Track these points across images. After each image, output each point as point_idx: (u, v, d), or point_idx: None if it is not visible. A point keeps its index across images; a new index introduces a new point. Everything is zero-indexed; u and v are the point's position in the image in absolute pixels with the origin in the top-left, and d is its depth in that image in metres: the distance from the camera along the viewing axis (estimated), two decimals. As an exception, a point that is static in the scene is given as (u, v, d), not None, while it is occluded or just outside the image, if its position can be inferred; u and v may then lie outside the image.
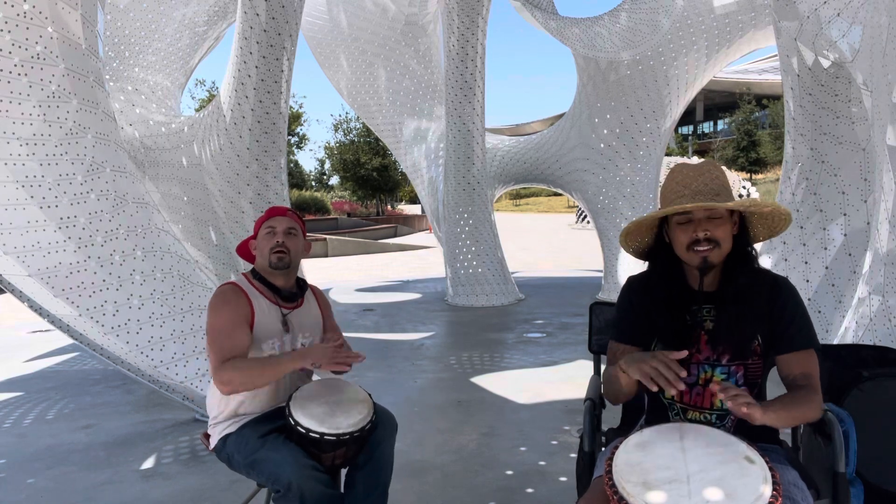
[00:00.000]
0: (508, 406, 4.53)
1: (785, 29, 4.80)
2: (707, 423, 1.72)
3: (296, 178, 48.82)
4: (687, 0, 8.43)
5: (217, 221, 6.95)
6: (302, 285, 2.37)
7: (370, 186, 42.17)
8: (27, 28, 3.47)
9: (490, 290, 9.22)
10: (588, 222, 26.51)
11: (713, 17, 8.49)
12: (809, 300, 4.76)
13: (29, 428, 4.35)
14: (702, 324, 1.79)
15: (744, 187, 27.83)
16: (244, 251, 2.42)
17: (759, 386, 1.83)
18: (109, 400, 4.95)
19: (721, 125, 60.83)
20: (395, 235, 30.21)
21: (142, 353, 3.82)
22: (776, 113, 43.32)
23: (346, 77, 11.00)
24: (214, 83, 35.26)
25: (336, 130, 42.57)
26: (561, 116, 10.82)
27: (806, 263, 4.84)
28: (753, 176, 46.24)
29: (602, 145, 9.68)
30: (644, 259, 1.95)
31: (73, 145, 3.67)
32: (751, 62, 42.57)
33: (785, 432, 1.94)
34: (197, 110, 30.76)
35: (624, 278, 9.60)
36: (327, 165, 53.14)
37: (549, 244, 22.42)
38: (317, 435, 1.99)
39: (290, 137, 38.96)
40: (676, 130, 46.89)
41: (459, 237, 9.43)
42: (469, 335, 7.16)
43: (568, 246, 21.29)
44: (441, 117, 10.37)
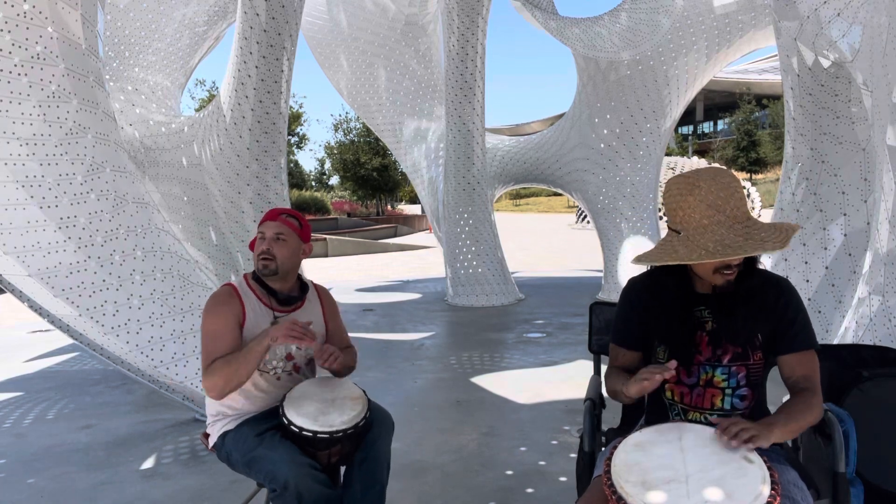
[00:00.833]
0: (508, 406, 4.53)
1: (785, 29, 4.80)
2: (707, 424, 1.72)
3: (296, 178, 48.81)
4: (687, 0, 8.43)
5: (217, 221, 6.95)
6: (304, 287, 2.36)
7: (370, 186, 42.18)
8: (27, 28, 3.47)
9: (490, 290, 9.22)
10: (588, 222, 26.50)
11: (713, 17, 8.48)
12: (809, 300, 4.76)
13: (29, 428, 4.35)
14: (702, 325, 1.79)
15: (744, 187, 27.83)
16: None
17: (761, 386, 1.83)
18: (109, 400, 4.95)
19: (721, 125, 60.86)
20: (395, 235, 30.19)
21: (142, 353, 3.82)
22: (776, 113, 43.35)
23: (346, 77, 11.00)
24: (214, 83, 35.28)
25: (336, 130, 42.62)
26: (561, 116, 10.82)
27: (806, 263, 4.84)
28: (753, 176, 46.24)
29: (602, 145, 9.67)
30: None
31: (73, 145, 3.67)
32: (751, 62, 42.57)
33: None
34: (197, 110, 30.75)
35: (624, 278, 9.62)
36: (327, 165, 53.23)
37: (549, 244, 22.41)
38: (310, 433, 1.99)
39: (290, 137, 38.95)
40: (676, 130, 46.87)
41: (459, 237, 9.42)
42: (469, 335, 7.16)
43: (568, 246, 21.28)
44: (441, 117, 10.36)
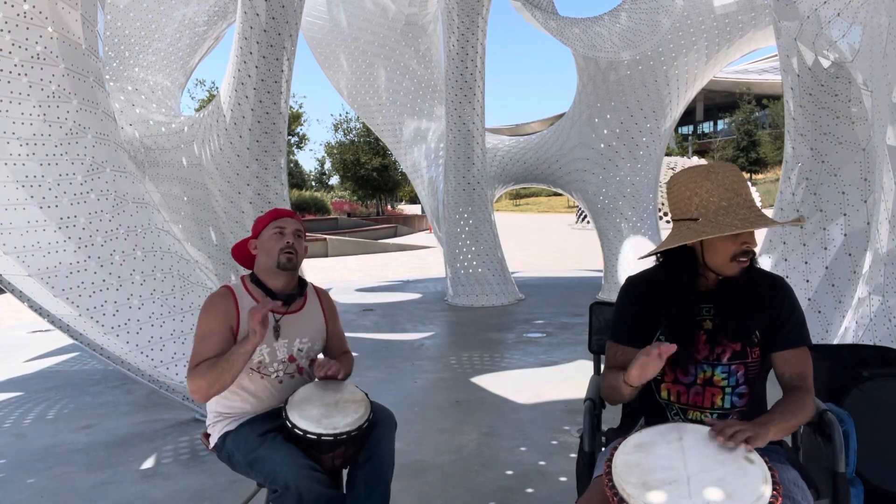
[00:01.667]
0: (508, 406, 4.53)
1: (785, 29, 4.80)
2: (707, 424, 1.72)
3: (296, 178, 48.81)
4: (687, 0, 8.43)
5: (217, 221, 6.95)
6: (302, 285, 2.35)
7: (370, 186, 42.18)
8: (27, 28, 3.47)
9: (490, 290, 9.21)
10: (588, 222, 26.49)
11: (713, 17, 8.48)
12: (809, 300, 4.76)
13: (29, 428, 4.35)
14: (700, 324, 1.79)
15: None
16: (241, 253, 2.35)
17: (759, 383, 1.83)
18: (109, 400, 4.95)
19: (721, 125, 60.83)
20: (395, 235, 30.18)
21: (142, 353, 3.82)
22: (776, 113, 43.33)
23: (346, 77, 11.00)
24: (214, 83, 35.29)
25: (336, 130, 42.65)
26: (561, 116, 10.81)
27: (806, 263, 4.84)
28: (753, 176, 46.23)
29: (602, 145, 9.67)
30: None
31: (73, 145, 3.67)
32: (751, 62, 42.55)
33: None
34: (197, 110, 30.74)
35: (624, 278, 9.57)
36: (327, 165, 53.25)
37: (549, 244, 22.40)
38: (314, 436, 1.99)
39: (290, 137, 38.96)
40: (676, 130, 46.88)
41: (459, 237, 9.42)
42: (469, 335, 7.16)
43: (568, 246, 21.28)
44: (441, 117, 10.36)
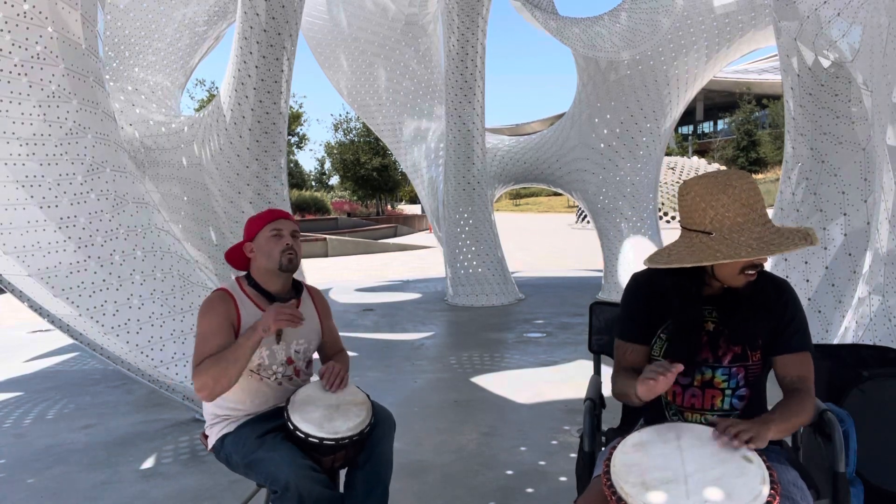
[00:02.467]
0: (508, 406, 4.53)
1: (785, 29, 4.80)
2: (707, 424, 1.72)
3: (296, 178, 48.78)
4: (687, 0, 8.43)
5: (217, 221, 6.95)
6: (298, 287, 2.34)
7: (370, 186, 42.16)
8: (27, 28, 3.47)
9: (490, 290, 9.21)
10: (588, 222, 26.50)
11: (713, 17, 8.48)
12: (809, 300, 4.76)
13: (29, 428, 4.35)
14: (702, 326, 1.79)
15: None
16: (235, 255, 2.32)
17: (758, 385, 1.83)
18: (109, 400, 4.95)
19: (721, 125, 60.82)
20: (395, 235, 30.17)
21: (142, 353, 3.82)
22: (776, 113, 43.34)
23: (346, 77, 11.00)
24: (214, 83, 35.28)
25: (336, 130, 42.60)
26: (561, 116, 10.81)
27: (806, 263, 4.84)
28: (753, 176, 46.20)
29: (602, 145, 9.67)
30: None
31: (73, 145, 3.67)
32: (751, 62, 42.60)
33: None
34: (197, 110, 30.76)
35: (624, 278, 9.61)
36: (327, 165, 53.23)
37: (550, 244, 22.40)
38: (316, 440, 1.99)
39: (290, 137, 38.96)
40: (676, 130, 46.89)
41: (459, 237, 9.42)
42: (469, 335, 7.16)
43: (568, 246, 21.28)
44: (441, 117, 10.36)
